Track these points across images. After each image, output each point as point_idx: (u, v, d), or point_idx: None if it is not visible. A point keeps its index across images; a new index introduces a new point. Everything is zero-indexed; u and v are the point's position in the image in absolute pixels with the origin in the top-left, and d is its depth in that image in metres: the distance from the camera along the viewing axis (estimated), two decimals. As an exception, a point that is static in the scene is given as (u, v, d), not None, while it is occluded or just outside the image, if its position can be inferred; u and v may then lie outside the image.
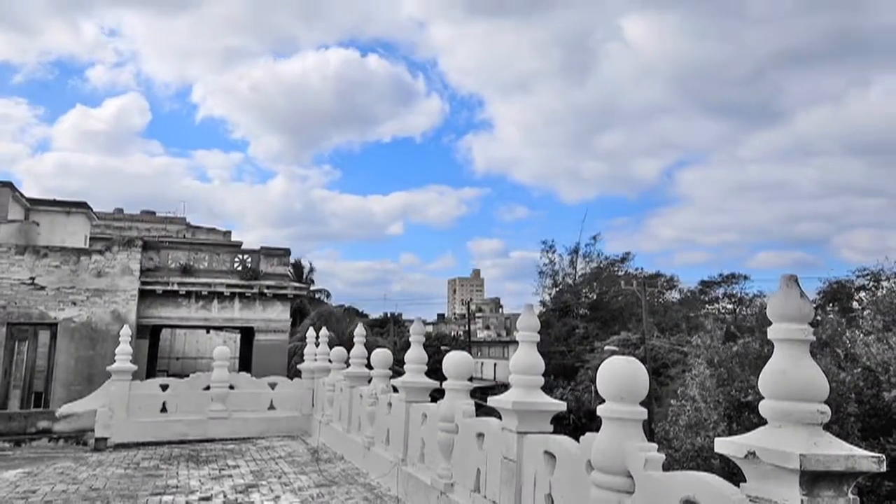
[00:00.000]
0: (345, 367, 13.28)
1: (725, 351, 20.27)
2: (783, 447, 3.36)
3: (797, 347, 3.60)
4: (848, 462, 3.32)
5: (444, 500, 7.48)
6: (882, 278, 25.36)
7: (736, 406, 18.12)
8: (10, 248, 20.54)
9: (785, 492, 3.37)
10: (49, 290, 20.34)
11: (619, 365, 4.64)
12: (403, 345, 38.43)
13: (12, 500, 9.01)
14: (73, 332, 20.37)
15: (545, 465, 5.58)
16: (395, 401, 9.69)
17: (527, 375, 6.18)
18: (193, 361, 32.86)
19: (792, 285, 3.65)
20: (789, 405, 3.51)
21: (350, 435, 11.97)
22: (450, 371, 7.87)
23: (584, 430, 5.68)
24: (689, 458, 17.97)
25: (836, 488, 3.36)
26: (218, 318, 23.58)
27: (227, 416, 15.02)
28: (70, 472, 11.08)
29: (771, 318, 3.69)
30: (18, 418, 14.59)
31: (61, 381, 19.96)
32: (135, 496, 9.27)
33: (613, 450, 4.48)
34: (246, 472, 11.04)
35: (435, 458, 7.91)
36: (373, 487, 9.64)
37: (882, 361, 15.74)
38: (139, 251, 21.72)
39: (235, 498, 9.14)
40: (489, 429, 6.71)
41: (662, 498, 4.09)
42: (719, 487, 3.75)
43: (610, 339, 39.53)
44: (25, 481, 10.35)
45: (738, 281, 45.85)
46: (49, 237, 26.34)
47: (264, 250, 24.86)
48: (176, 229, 46.19)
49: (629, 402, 4.54)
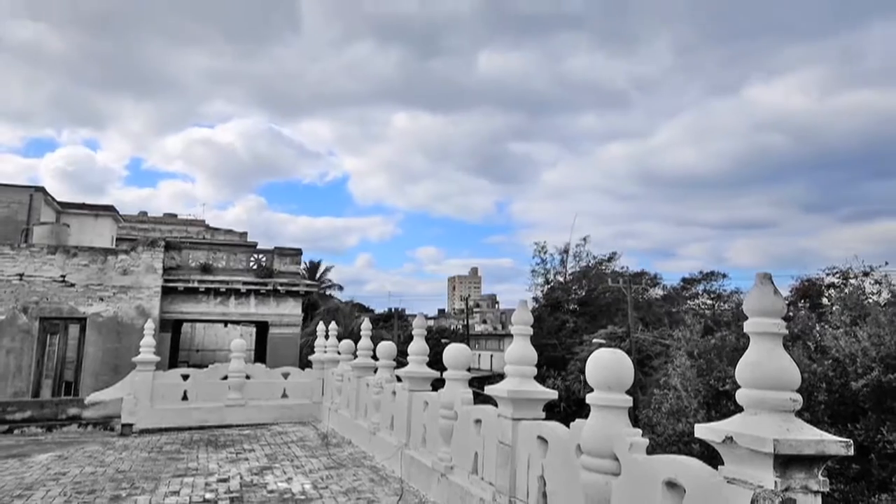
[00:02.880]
0: (352, 358, 13.28)
1: (704, 344, 20.29)
2: (758, 432, 3.36)
3: (771, 340, 3.60)
4: (818, 446, 3.32)
5: (444, 481, 7.48)
6: (850, 277, 25.34)
7: (714, 394, 18.13)
8: (42, 248, 20.54)
9: (760, 474, 3.37)
10: (79, 286, 20.33)
11: (606, 356, 4.64)
12: (406, 338, 38.41)
13: (45, 481, 9.01)
14: (101, 325, 20.36)
15: (538, 448, 5.58)
16: (398, 389, 9.69)
17: (521, 366, 6.19)
18: (212, 353, 32.84)
19: (766, 283, 3.65)
20: (764, 393, 3.51)
21: (357, 421, 11.97)
22: (449, 362, 7.88)
23: (573, 416, 5.68)
24: (671, 442, 17.98)
25: (807, 471, 3.36)
26: (235, 313, 23.57)
27: (244, 403, 15.02)
28: (98, 456, 11.08)
29: (747, 313, 3.69)
30: (50, 405, 14.58)
31: (90, 372, 19.95)
32: (158, 478, 9.27)
33: (601, 435, 4.48)
34: (261, 455, 11.04)
35: (436, 443, 7.91)
36: (378, 470, 9.64)
37: (850, 353, 15.75)
38: (162, 251, 21.71)
39: (251, 479, 9.13)
40: (486, 415, 6.71)
41: (646, 479, 4.09)
42: (699, 469, 3.76)
43: (598, 332, 39.48)
44: (57, 464, 10.36)
45: (717, 279, 45.87)
46: (78, 238, 26.34)
47: (278, 250, 24.84)
48: (196, 231, 46.16)
49: (616, 390, 4.54)
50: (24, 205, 27.73)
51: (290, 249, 25.05)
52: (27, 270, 19.92)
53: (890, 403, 14.53)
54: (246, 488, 8.59)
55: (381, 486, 8.61)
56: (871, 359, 15.19)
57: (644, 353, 34.80)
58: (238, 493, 8.31)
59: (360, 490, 8.44)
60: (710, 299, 43.63)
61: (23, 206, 27.67)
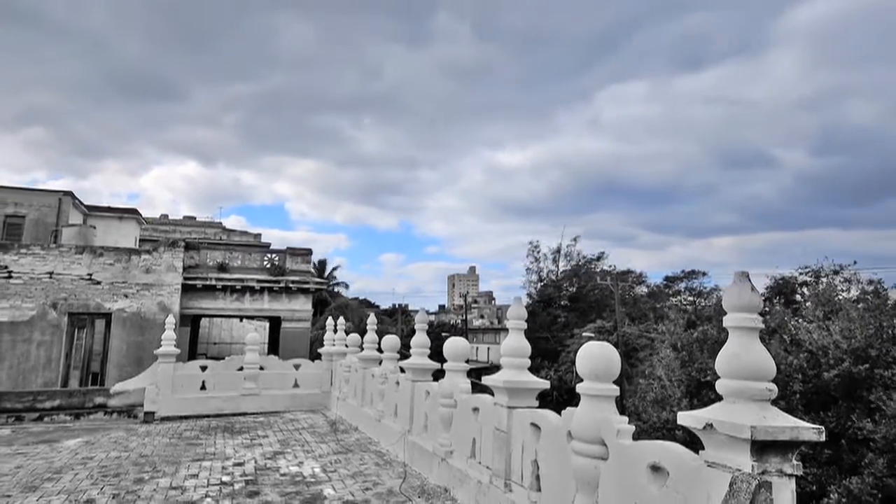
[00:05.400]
0: (359, 350, 13.27)
1: (687, 337, 20.25)
2: (736, 420, 3.36)
3: (748, 334, 3.59)
4: (792, 433, 3.32)
5: (444, 465, 7.48)
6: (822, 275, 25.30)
7: (696, 384, 18.11)
8: (71, 248, 20.54)
9: (738, 458, 3.37)
10: (104, 284, 20.33)
11: (595, 349, 4.64)
12: (409, 332, 38.38)
13: (73, 465, 9.01)
14: (125, 320, 20.36)
15: (531, 435, 5.58)
16: (402, 380, 9.69)
17: (516, 358, 6.19)
18: (228, 346, 32.83)
19: (744, 280, 3.65)
20: (742, 384, 3.51)
21: (363, 409, 11.97)
22: (449, 354, 7.87)
23: (565, 405, 5.67)
24: (655, 429, 17.95)
25: (782, 455, 3.36)
26: (250, 308, 23.57)
27: (258, 393, 15.01)
28: (122, 441, 11.08)
29: (726, 308, 3.69)
30: (78, 395, 14.58)
31: (115, 363, 19.96)
32: (178, 462, 9.27)
33: (590, 422, 4.48)
34: (274, 441, 11.03)
35: (436, 429, 7.91)
36: (383, 454, 9.63)
37: (822, 346, 15.73)
38: (182, 251, 21.71)
39: (265, 463, 9.13)
40: (483, 404, 6.71)
41: (632, 463, 4.09)
42: (681, 454, 3.76)
43: (587, 326, 39.45)
44: (84, 449, 10.36)
45: (698, 276, 45.75)
46: (104, 239, 26.35)
47: (289, 250, 24.83)
48: (213, 232, 46.13)
49: (604, 380, 4.54)
50: (54, 208, 27.76)
51: (300, 250, 25.05)
52: (56, 269, 19.92)
53: (859, 393, 14.52)
54: (260, 472, 8.59)
55: (385, 470, 8.61)
56: (842, 351, 15.18)
57: (630, 346, 34.76)
58: (252, 476, 8.31)
59: (367, 473, 8.44)
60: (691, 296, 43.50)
61: (52, 209, 27.70)
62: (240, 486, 7.79)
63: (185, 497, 7.31)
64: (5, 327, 19.15)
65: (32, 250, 19.98)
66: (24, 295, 19.46)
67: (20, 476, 8.35)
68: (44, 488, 7.69)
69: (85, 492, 7.51)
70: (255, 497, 7.30)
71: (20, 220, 27.25)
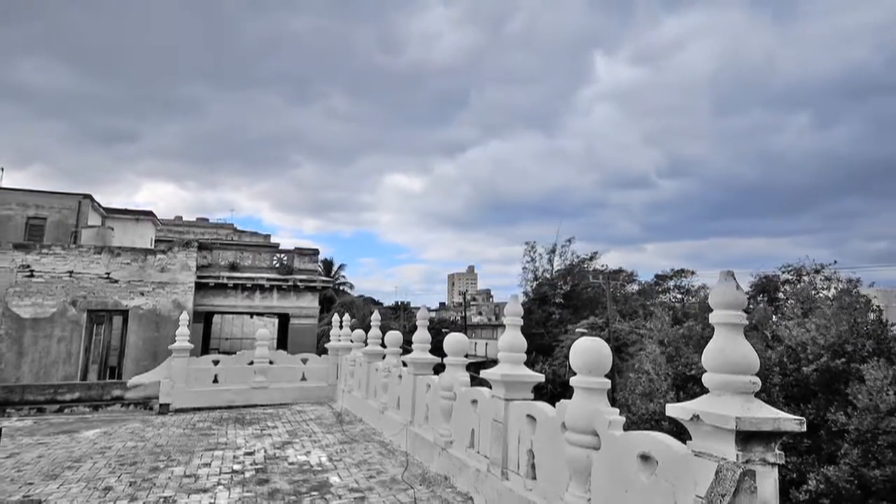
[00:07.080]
0: (363, 345, 13.27)
1: (674, 333, 20.27)
2: (722, 411, 3.36)
3: (733, 330, 3.60)
4: (775, 423, 3.32)
5: (444, 454, 7.48)
6: (803, 274, 25.30)
7: (682, 378, 18.12)
8: (90, 248, 20.53)
9: (723, 448, 3.37)
10: (122, 282, 20.33)
11: (588, 344, 4.64)
12: (411, 328, 38.37)
13: (92, 454, 9.00)
14: (141, 317, 20.35)
15: (527, 426, 5.58)
16: (404, 373, 9.69)
17: (512, 353, 6.18)
18: (239, 341, 32.83)
19: (729, 279, 3.65)
20: (727, 377, 3.51)
21: (368, 401, 11.96)
22: (449, 349, 7.87)
23: (559, 397, 5.68)
24: (644, 420, 17.96)
25: (765, 445, 3.36)
26: (259, 305, 23.57)
27: (267, 386, 15.00)
28: (139, 432, 11.08)
29: (712, 305, 3.69)
30: (96, 388, 14.57)
31: (131, 358, 19.95)
32: (192, 451, 9.27)
33: (583, 413, 4.48)
34: (282, 431, 11.03)
35: (437, 421, 7.91)
36: (386, 444, 9.63)
37: (801, 342, 15.75)
38: (195, 251, 21.70)
39: (274, 453, 9.13)
40: (482, 396, 6.71)
41: (623, 452, 4.09)
42: (670, 444, 3.76)
43: (580, 323, 39.42)
44: (102, 439, 10.35)
45: (686, 275, 45.69)
46: (121, 239, 26.35)
47: (297, 250, 24.83)
48: (225, 233, 46.11)
49: (596, 374, 4.54)
50: (74, 210, 27.72)
51: (308, 250, 25.05)
52: (76, 268, 19.92)
53: (836, 386, 14.53)
54: (269, 461, 8.59)
55: (388, 459, 8.61)
56: (820, 346, 15.19)
57: (621, 342, 34.75)
58: (262, 465, 8.30)
59: (371, 462, 8.44)
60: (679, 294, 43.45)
61: (72, 211, 27.66)
62: (250, 475, 7.79)
63: (198, 485, 7.31)
64: (28, 323, 19.14)
65: (53, 250, 19.97)
66: (46, 293, 19.45)
67: (42, 465, 8.35)
68: (64, 476, 7.69)
69: (103, 479, 7.50)
70: (264, 485, 7.29)
71: (42, 222, 27.22)
